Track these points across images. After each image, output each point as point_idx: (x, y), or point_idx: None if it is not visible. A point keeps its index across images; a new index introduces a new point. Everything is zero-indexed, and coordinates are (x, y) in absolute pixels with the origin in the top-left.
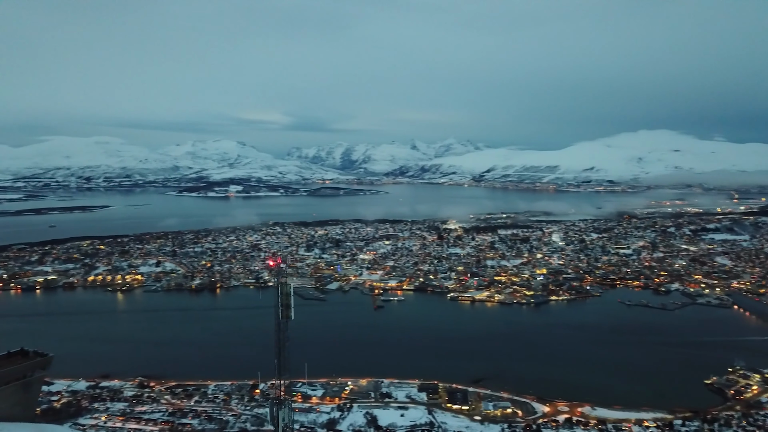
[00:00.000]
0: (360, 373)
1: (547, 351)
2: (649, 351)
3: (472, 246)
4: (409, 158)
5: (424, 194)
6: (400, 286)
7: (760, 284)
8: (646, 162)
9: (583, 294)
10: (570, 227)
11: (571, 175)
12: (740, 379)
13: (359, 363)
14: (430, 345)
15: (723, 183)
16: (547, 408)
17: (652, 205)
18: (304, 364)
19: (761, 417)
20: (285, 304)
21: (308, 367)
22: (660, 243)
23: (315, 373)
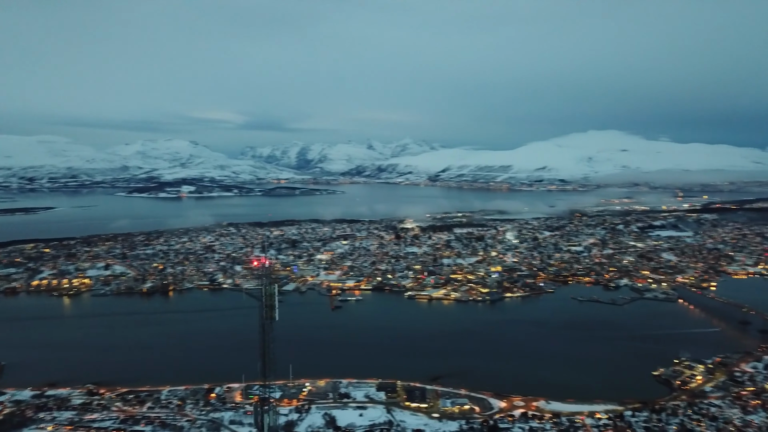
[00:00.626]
0: (318, 373)
1: (503, 347)
2: (600, 345)
3: (429, 245)
4: (366, 158)
5: (381, 194)
6: (358, 286)
7: (703, 278)
8: (595, 161)
9: (537, 290)
10: (523, 225)
11: (524, 174)
12: (685, 369)
13: (317, 364)
14: (388, 344)
15: (668, 182)
16: (504, 403)
17: (602, 204)
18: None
19: (705, 406)
20: (269, 305)
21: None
22: (609, 240)
23: (272, 374)
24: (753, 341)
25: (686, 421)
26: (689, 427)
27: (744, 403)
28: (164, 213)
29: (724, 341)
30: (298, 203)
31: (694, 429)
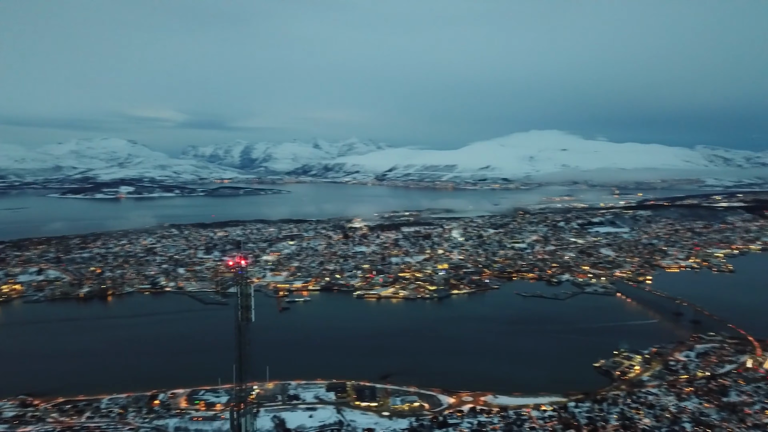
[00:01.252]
0: (266, 376)
1: (451, 343)
2: (544, 339)
3: (377, 244)
4: (312, 157)
5: (328, 193)
6: (306, 287)
7: (639, 272)
8: (537, 160)
9: (483, 287)
10: (469, 223)
11: (468, 173)
12: (624, 360)
13: (265, 366)
14: (337, 344)
15: (605, 180)
16: (453, 399)
17: (544, 201)
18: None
19: (643, 394)
20: (245, 306)
21: (210, 373)
22: (551, 237)
23: (218, 378)
24: (685, 331)
25: (626, 409)
26: (629, 415)
27: (678, 390)
28: (102, 215)
29: (659, 332)
30: (243, 203)
31: (633, 417)
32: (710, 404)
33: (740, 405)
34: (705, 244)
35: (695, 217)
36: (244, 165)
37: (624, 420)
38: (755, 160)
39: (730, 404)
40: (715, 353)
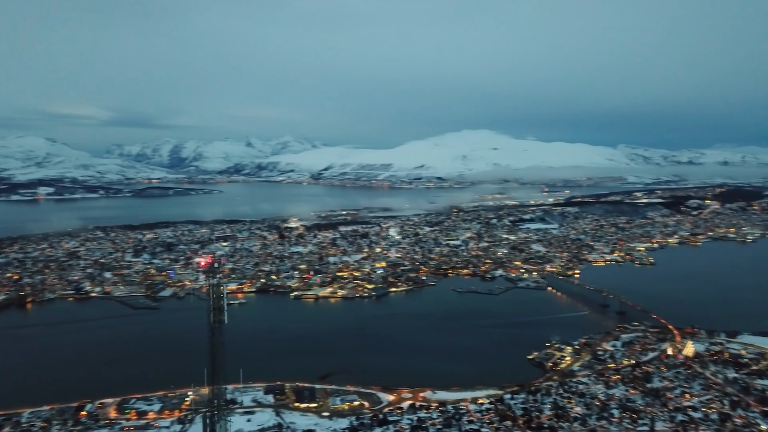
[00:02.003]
0: (201, 381)
1: (390, 341)
2: (480, 333)
3: (314, 243)
4: (245, 156)
5: (263, 193)
6: (241, 289)
7: (568, 267)
8: (469, 159)
9: (420, 284)
10: (405, 222)
11: (403, 172)
12: (556, 352)
13: (200, 371)
14: (275, 346)
15: (535, 178)
16: (392, 396)
17: (477, 199)
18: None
19: (574, 384)
20: (217, 307)
21: (141, 381)
22: (485, 233)
23: (150, 386)
24: (612, 322)
25: (558, 399)
26: (561, 404)
27: (606, 378)
28: (19, 217)
29: (588, 324)
30: (173, 204)
31: (565, 406)
32: (635, 390)
33: (662, 390)
34: (628, 239)
35: (618, 213)
36: (174, 164)
37: (557, 409)
38: (671, 158)
39: (653, 390)
40: (639, 342)
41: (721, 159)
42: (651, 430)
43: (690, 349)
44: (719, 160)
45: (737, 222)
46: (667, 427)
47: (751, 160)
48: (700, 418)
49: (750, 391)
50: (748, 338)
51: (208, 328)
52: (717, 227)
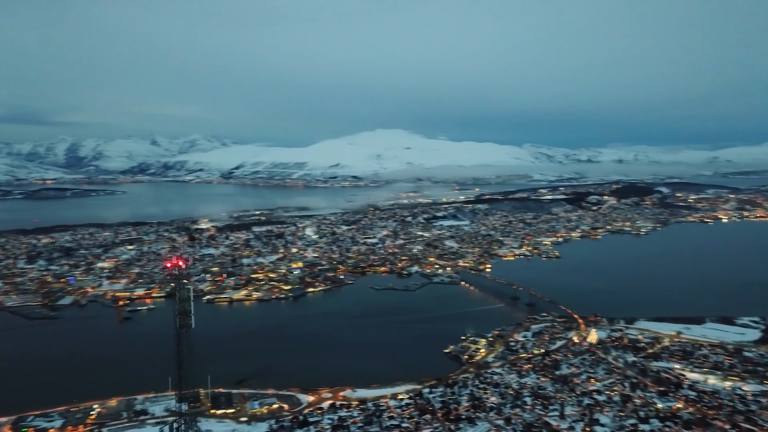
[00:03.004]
0: (108, 393)
1: (308, 341)
2: (398, 330)
3: (227, 245)
4: (150, 154)
5: (170, 193)
6: (149, 294)
7: (480, 262)
8: (384, 158)
9: (338, 283)
10: (322, 221)
11: (318, 171)
12: (471, 345)
13: (106, 382)
14: None
15: (447, 176)
16: (312, 397)
17: (392, 198)
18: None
19: (489, 375)
20: (183, 311)
21: (39, 396)
22: (400, 231)
23: (50, 401)
24: (522, 314)
25: (475, 390)
26: (477, 395)
27: (519, 368)
28: None
29: (500, 316)
30: (71, 206)
31: (481, 397)
32: (546, 378)
33: (570, 376)
34: (535, 234)
35: (525, 209)
36: (71, 164)
37: (474, 400)
38: (572, 157)
39: (562, 377)
40: (548, 332)
41: (617, 157)
42: (561, 414)
43: (593, 336)
44: (615, 158)
45: (632, 216)
46: (575, 411)
47: (642, 158)
48: (604, 400)
49: (647, 373)
50: (644, 324)
51: (174, 333)
52: (614, 221)
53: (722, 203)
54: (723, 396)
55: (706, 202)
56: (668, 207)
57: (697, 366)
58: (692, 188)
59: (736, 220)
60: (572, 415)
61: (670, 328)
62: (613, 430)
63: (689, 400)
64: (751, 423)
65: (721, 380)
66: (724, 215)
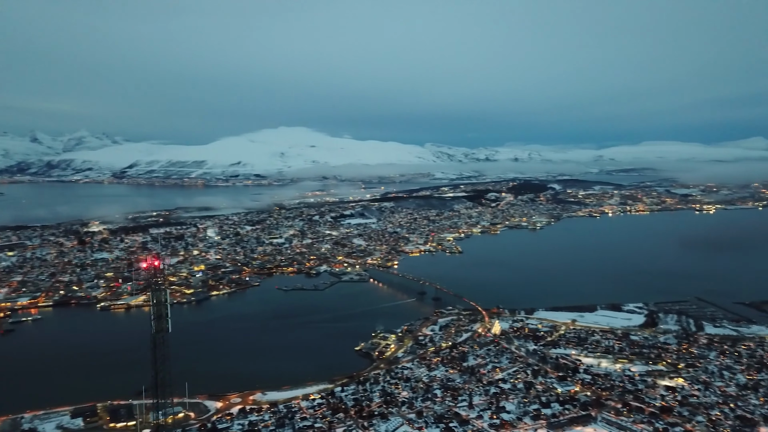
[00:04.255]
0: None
1: (214, 346)
2: (307, 329)
3: (122, 248)
4: (30, 152)
5: (56, 194)
6: (35, 303)
7: (388, 259)
8: (288, 156)
9: (244, 285)
10: (224, 221)
11: (219, 169)
12: (381, 341)
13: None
14: (81, 364)
15: (352, 175)
16: (220, 403)
17: (298, 197)
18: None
19: (400, 370)
20: (159, 315)
21: None
22: (308, 230)
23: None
24: (429, 308)
25: (386, 386)
26: (389, 390)
27: (428, 362)
28: None
29: (408, 311)
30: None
31: (393, 392)
32: (454, 370)
33: (477, 367)
34: (439, 230)
35: (429, 206)
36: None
37: (386, 396)
38: (471, 156)
39: (469, 368)
40: (454, 325)
41: (513, 156)
42: (469, 404)
43: (497, 327)
44: (511, 157)
45: (528, 212)
46: (482, 400)
47: (536, 156)
48: (509, 388)
49: (547, 360)
50: (543, 314)
51: (151, 338)
52: (512, 217)
53: (608, 199)
54: (614, 377)
55: (594, 197)
56: (560, 203)
57: (590, 351)
58: (581, 185)
59: (620, 214)
60: (480, 404)
61: (565, 317)
62: (518, 416)
63: (585, 383)
64: (639, 401)
65: (612, 363)
66: (609, 210)
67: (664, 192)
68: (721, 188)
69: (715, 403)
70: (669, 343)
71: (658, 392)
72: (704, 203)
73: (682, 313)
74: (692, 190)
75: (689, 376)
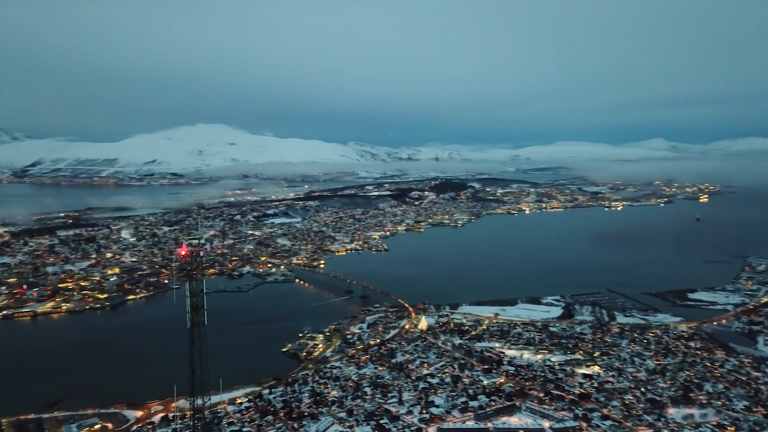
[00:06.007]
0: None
1: (133, 353)
2: (232, 332)
3: (26, 252)
4: None
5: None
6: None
7: (313, 258)
8: (206, 154)
9: (162, 288)
10: (140, 222)
11: (132, 168)
12: (309, 341)
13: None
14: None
15: (275, 173)
16: (141, 412)
17: (218, 196)
18: None
19: (329, 369)
20: (196, 306)
21: None
22: (229, 230)
23: None
24: (357, 306)
25: (316, 386)
26: (318, 391)
27: (357, 360)
28: None
29: (335, 310)
30: None
31: (322, 392)
32: (383, 367)
33: (405, 363)
34: (364, 229)
35: (354, 205)
36: None
37: (315, 396)
38: (394, 155)
39: (398, 364)
40: (382, 322)
41: (434, 155)
42: (399, 400)
43: (424, 323)
44: (432, 156)
45: (450, 210)
46: (412, 396)
47: (456, 156)
48: (438, 383)
49: (472, 353)
50: (467, 308)
51: (188, 332)
52: (435, 215)
53: (525, 196)
54: (536, 368)
55: (512, 195)
56: (480, 201)
57: (513, 343)
58: (499, 183)
59: (536, 211)
60: (410, 399)
61: (488, 311)
62: (446, 409)
63: (509, 374)
64: (559, 389)
65: (534, 354)
66: (526, 207)
67: (576, 190)
68: (628, 186)
69: (628, 387)
70: (585, 333)
71: (577, 380)
72: (612, 200)
73: (595, 304)
74: (602, 188)
75: (604, 364)
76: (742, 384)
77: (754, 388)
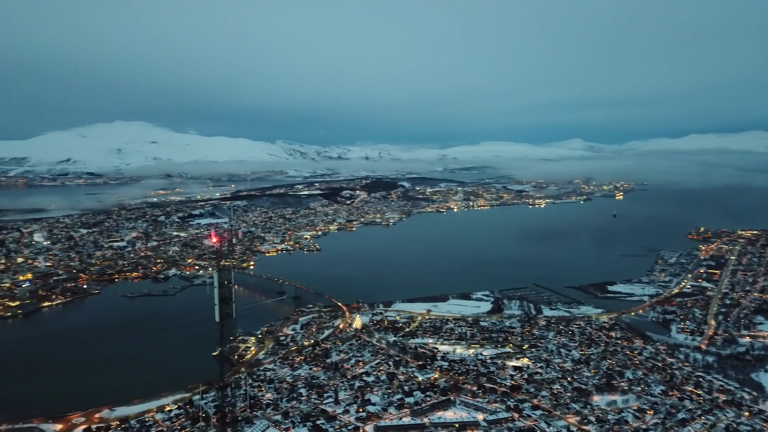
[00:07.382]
0: None
1: (50, 363)
2: (158, 337)
3: None
4: None
5: None
6: None
7: (243, 259)
8: (126, 153)
9: (81, 294)
10: (54, 224)
11: (44, 167)
12: (240, 344)
13: None
14: None
15: (200, 172)
16: (60, 425)
17: (140, 196)
18: None
19: (262, 372)
20: (225, 297)
21: None
22: (153, 232)
23: None
24: (289, 308)
25: (249, 389)
26: (252, 394)
27: (291, 361)
28: None
29: (267, 312)
30: None
31: (257, 395)
32: (318, 367)
33: (340, 362)
34: (295, 228)
35: (285, 204)
36: None
37: (250, 399)
38: (324, 154)
39: (333, 364)
40: (316, 322)
41: (364, 155)
42: (336, 400)
43: (358, 322)
44: (362, 155)
45: (381, 208)
46: (348, 395)
47: (385, 155)
48: (373, 381)
49: (407, 350)
50: (400, 306)
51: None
52: (366, 214)
53: (452, 195)
54: (469, 362)
55: (440, 194)
56: (410, 199)
57: (446, 339)
58: (428, 182)
59: (464, 209)
60: (346, 398)
61: (421, 308)
62: (383, 407)
63: (443, 369)
64: (492, 382)
65: (466, 349)
66: (454, 205)
67: (501, 188)
68: (550, 184)
69: (556, 378)
70: (514, 326)
71: (508, 372)
72: (536, 198)
73: (523, 298)
74: (525, 186)
75: (533, 356)
76: (658, 370)
77: (669, 374)
